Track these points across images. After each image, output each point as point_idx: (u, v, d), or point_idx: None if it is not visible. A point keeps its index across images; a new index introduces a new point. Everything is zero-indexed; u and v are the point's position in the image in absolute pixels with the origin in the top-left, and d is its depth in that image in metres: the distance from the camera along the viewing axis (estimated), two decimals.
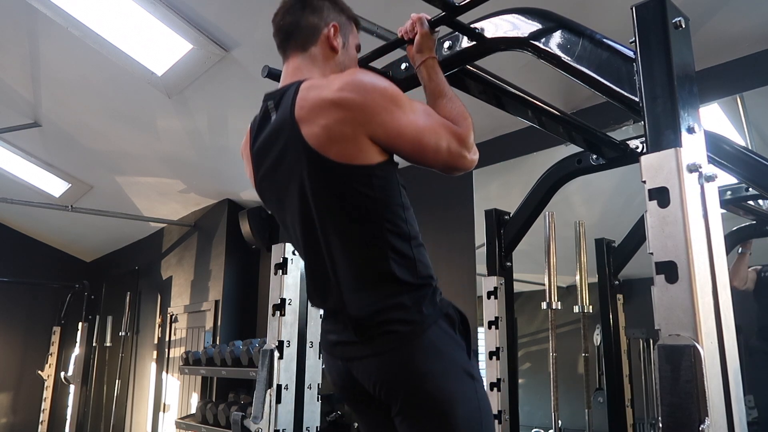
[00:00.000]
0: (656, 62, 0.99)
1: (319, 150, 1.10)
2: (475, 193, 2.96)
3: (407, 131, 1.12)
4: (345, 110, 1.08)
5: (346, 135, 1.09)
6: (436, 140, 1.14)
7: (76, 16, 2.71)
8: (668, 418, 0.84)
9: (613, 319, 2.41)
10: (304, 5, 1.27)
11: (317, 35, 1.25)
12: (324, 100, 1.10)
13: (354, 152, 1.10)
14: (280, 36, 1.30)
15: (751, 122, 2.22)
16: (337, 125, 1.08)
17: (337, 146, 1.09)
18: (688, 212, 0.88)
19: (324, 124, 1.09)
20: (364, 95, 1.09)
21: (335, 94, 1.09)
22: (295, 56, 1.27)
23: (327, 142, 1.09)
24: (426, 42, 1.32)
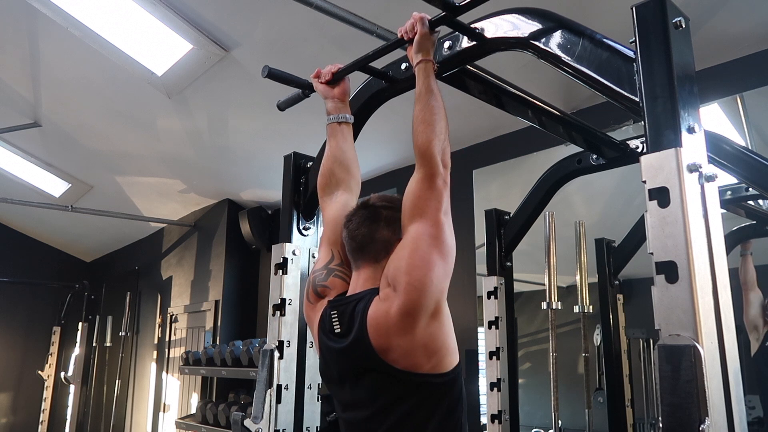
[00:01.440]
0: (656, 62, 0.99)
1: (408, 368, 1.14)
2: (475, 193, 2.96)
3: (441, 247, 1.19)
4: (415, 309, 1.13)
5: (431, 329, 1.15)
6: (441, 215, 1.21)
7: (76, 16, 2.71)
8: (668, 418, 0.84)
9: (613, 319, 2.41)
10: (379, 218, 1.30)
11: (390, 249, 1.27)
12: (396, 319, 1.14)
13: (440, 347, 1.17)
14: (353, 245, 1.32)
15: (751, 122, 2.22)
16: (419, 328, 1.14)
17: (425, 350, 1.14)
18: (688, 212, 0.88)
19: (409, 337, 1.14)
20: (416, 284, 1.14)
21: (400, 309, 1.13)
22: (368, 267, 1.29)
23: (417, 350, 1.14)
24: (425, 42, 1.31)
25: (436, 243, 1.18)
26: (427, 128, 1.22)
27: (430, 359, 1.15)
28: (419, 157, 1.21)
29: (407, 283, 1.14)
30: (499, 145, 2.96)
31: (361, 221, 1.31)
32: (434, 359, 1.15)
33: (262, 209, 4.41)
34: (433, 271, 1.15)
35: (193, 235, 4.97)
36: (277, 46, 2.64)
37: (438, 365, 1.16)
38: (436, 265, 1.16)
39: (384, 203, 1.34)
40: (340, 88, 1.53)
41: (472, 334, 2.86)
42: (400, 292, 1.14)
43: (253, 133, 3.48)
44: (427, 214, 1.20)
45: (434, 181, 1.20)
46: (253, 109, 3.19)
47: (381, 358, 1.15)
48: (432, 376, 1.15)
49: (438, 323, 1.16)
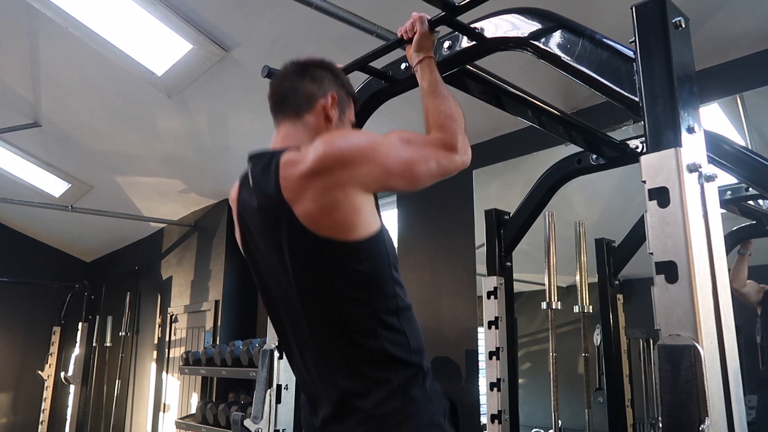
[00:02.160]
0: (656, 62, 0.99)
1: (312, 228, 1.07)
2: (475, 193, 2.96)
3: (395, 169, 1.10)
4: (329, 175, 1.06)
5: (338, 200, 1.06)
6: (426, 165, 1.13)
7: (76, 16, 2.71)
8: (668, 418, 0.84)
9: (613, 319, 2.41)
10: (305, 72, 1.25)
11: (313, 103, 1.23)
12: (305, 173, 1.07)
13: (347, 222, 1.07)
14: (275, 99, 1.26)
15: (751, 122, 2.22)
16: (326, 193, 1.06)
17: (330, 218, 1.07)
18: (688, 212, 0.88)
19: (313, 196, 1.06)
20: (340, 155, 1.06)
21: (314, 164, 1.06)
22: (287, 122, 1.24)
23: (320, 215, 1.07)
24: (424, 41, 1.32)
25: (398, 160, 1.10)
26: (449, 120, 1.21)
27: (333, 226, 1.07)
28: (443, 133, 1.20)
29: (338, 147, 1.06)
30: (499, 145, 2.96)
31: (285, 75, 1.26)
32: (338, 227, 1.07)
33: None
34: (370, 163, 1.07)
35: (193, 235, 4.97)
36: (277, 46, 2.64)
37: (344, 232, 1.07)
38: (379, 164, 1.08)
39: (315, 61, 1.29)
40: None
41: (472, 334, 2.86)
42: (325, 149, 1.06)
43: (253, 133, 3.48)
44: (414, 147, 1.14)
45: (446, 148, 1.16)
46: (253, 109, 3.19)
47: (290, 208, 1.07)
48: (337, 242, 1.07)
49: (348, 202, 1.06)
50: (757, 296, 2.18)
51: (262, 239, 1.18)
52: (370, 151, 1.09)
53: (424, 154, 1.15)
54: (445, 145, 1.18)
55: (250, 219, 1.21)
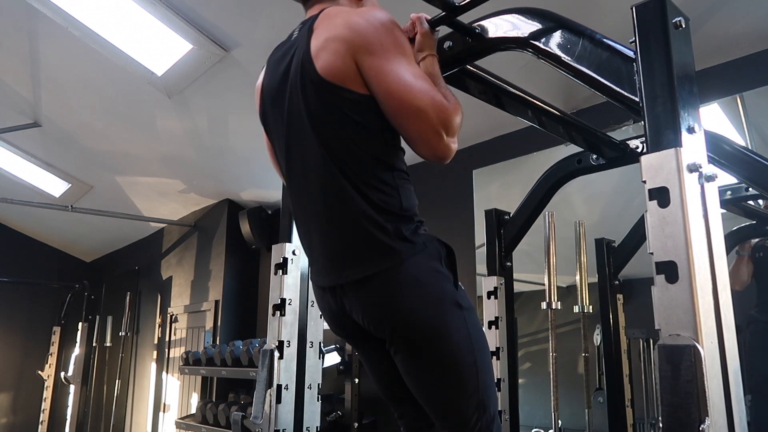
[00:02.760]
0: (656, 62, 0.99)
1: (314, 60, 1.14)
2: (475, 193, 2.96)
3: (392, 79, 1.11)
4: (347, 30, 1.13)
5: (338, 51, 1.12)
6: (419, 103, 1.10)
7: (76, 16, 2.71)
8: (668, 418, 0.84)
9: (613, 319, 2.41)
10: None
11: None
12: (338, 20, 1.15)
13: (342, 71, 1.13)
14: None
15: (751, 122, 2.22)
16: (334, 41, 1.13)
17: (326, 57, 1.13)
18: (688, 212, 0.88)
19: (326, 37, 1.14)
20: (370, 26, 1.13)
21: (348, 18, 1.15)
22: (321, 3, 1.29)
23: (321, 52, 1.14)
24: (426, 41, 1.32)
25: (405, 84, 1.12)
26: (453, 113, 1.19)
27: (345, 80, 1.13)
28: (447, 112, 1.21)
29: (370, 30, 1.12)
30: (499, 145, 2.96)
31: None
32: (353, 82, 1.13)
33: (262, 209, 4.41)
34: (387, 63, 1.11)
35: (193, 235, 4.97)
36: None
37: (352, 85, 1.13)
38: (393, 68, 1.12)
39: None
40: None
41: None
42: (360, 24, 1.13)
43: (253, 133, 3.46)
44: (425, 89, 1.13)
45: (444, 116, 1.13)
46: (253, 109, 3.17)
47: (312, 60, 1.14)
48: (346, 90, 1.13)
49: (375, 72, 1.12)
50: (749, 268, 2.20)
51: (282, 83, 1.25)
52: (393, 47, 1.13)
53: (427, 98, 1.11)
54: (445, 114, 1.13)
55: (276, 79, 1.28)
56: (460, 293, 1.18)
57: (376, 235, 1.12)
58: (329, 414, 3.15)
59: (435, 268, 1.15)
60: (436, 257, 1.16)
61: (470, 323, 1.17)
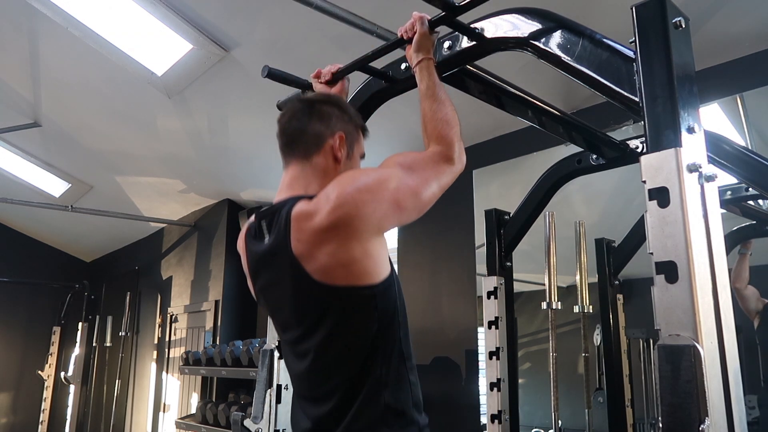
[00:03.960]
0: (656, 62, 0.99)
1: (324, 281, 1.08)
2: (475, 193, 2.96)
3: (406, 202, 1.11)
4: (345, 228, 1.06)
5: (354, 251, 1.07)
6: (429, 189, 1.15)
7: (76, 16, 2.71)
8: (668, 418, 0.84)
9: (613, 319, 2.41)
10: (311, 111, 1.23)
11: (321, 144, 1.21)
12: (320, 229, 1.06)
13: (362, 271, 1.08)
14: (283, 140, 1.25)
15: (751, 122, 2.22)
16: (343, 246, 1.06)
17: (345, 269, 1.07)
18: (688, 212, 0.88)
19: (330, 251, 1.06)
20: (354, 204, 1.05)
21: (329, 218, 1.05)
22: (296, 164, 1.23)
23: (336, 268, 1.07)
24: (424, 42, 1.32)
25: (406, 189, 1.10)
26: (446, 127, 1.22)
27: (348, 276, 1.08)
28: (441, 145, 1.21)
29: (351, 197, 1.05)
30: (499, 145, 2.96)
31: (293, 114, 1.24)
32: (354, 277, 1.08)
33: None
34: (383, 203, 1.07)
35: (193, 235, 4.97)
36: (277, 46, 2.64)
37: (360, 279, 1.08)
38: (391, 202, 1.08)
39: (321, 98, 1.29)
40: (339, 89, 1.53)
41: (472, 334, 2.86)
42: (338, 201, 1.05)
43: (253, 133, 3.48)
44: (418, 171, 1.14)
45: (446, 162, 1.18)
46: (253, 109, 3.19)
47: (301, 264, 1.08)
48: (353, 288, 1.08)
49: (365, 253, 1.07)
50: (756, 305, 2.18)
51: (274, 290, 1.19)
52: (380, 191, 1.08)
53: (427, 176, 1.15)
54: (444, 158, 1.19)
55: (261, 269, 1.22)
56: None
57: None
58: None
59: None
60: None
61: None
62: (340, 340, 1.11)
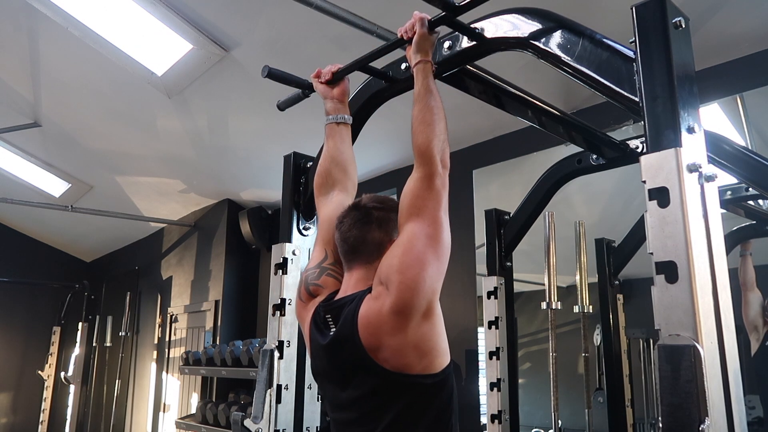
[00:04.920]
0: (656, 62, 0.99)
1: (395, 369, 1.13)
2: (475, 193, 2.96)
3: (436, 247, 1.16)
4: (405, 315, 1.12)
5: (422, 329, 1.13)
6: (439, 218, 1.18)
7: (76, 16, 2.71)
8: (668, 418, 0.84)
9: (613, 319, 2.41)
10: (369, 219, 1.29)
11: (382, 250, 1.26)
12: (384, 318, 1.13)
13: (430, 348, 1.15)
14: (345, 247, 1.31)
15: (751, 122, 2.22)
16: (417, 324, 1.13)
17: (416, 350, 1.13)
18: (688, 212, 0.88)
19: (401, 331, 1.12)
20: (413, 290, 1.12)
21: (391, 307, 1.12)
22: (360, 268, 1.28)
23: (408, 349, 1.13)
24: (423, 43, 1.31)
25: (431, 242, 1.16)
26: (426, 128, 1.22)
27: (421, 360, 1.14)
28: (419, 156, 1.21)
29: (400, 282, 1.12)
30: (499, 145, 2.96)
31: (353, 223, 1.30)
32: (425, 360, 1.14)
33: (262, 209, 4.41)
34: (426, 271, 1.13)
35: (193, 235, 4.97)
36: (277, 46, 2.64)
37: (429, 366, 1.15)
38: (430, 265, 1.14)
39: (376, 204, 1.33)
40: (340, 89, 1.53)
41: (472, 334, 2.86)
42: (392, 290, 1.13)
43: (253, 133, 3.48)
44: (425, 213, 1.18)
45: (433, 181, 1.19)
46: (253, 109, 3.19)
47: (371, 357, 1.14)
48: (422, 377, 1.14)
49: (430, 324, 1.15)
50: (755, 318, 2.17)
51: (335, 375, 1.24)
52: (424, 263, 1.14)
53: (432, 213, 1.18)
54: (428, 179, 1.20)
55: (324, 356, 1.26)
56: None
57: None
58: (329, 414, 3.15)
59: None
60: None
61: None
62: (399, 425, 1.15)
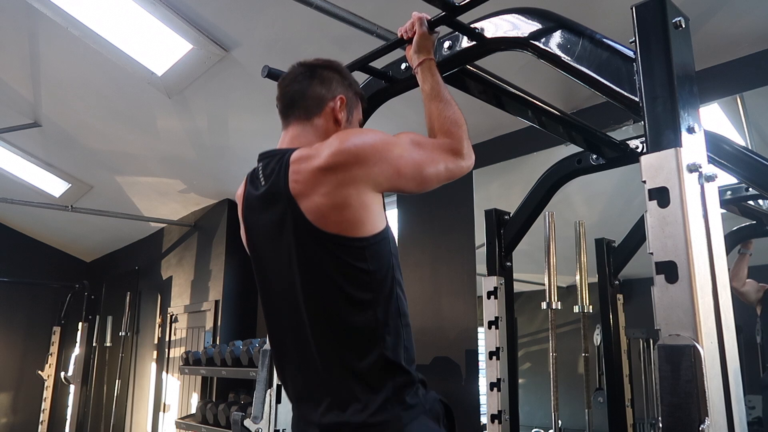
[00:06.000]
0: (656, 62, 0.99)
1: (318, 224, 1.08)
2: (475, 193, 2.96)
3: (406, 170, 1.13)
4: (343, 171, 1.07)
5: (349, 197, 1.08)
6: (435, 168, 1.16)
7: (76, 16, 2.71)
8: (668, 418, 0.84)
9: (613, 319, 2.41)
10: (313, 75, 1.26)
11: (322, 106, 1.24)
12: (318, 168, 1.08)
13: (355, 219, 1.08)
14: (284, 102, 1.27)
15: (751, 122, 2.22)
16: (338, 189, 1.07)
17: (339, 214, 1.08)
18: (688, 212, 0.88)
19: (325, 192, 1.08)
20: (356, 152, 1.08)
21: (328, 160, 1.08)
22: (297, 124, 1.25)
23: (329, 211, 1.08)
24: (424, 42, 1.32)
25: (410, 162, 1.13)
26: (455, 126, 1.23)
27: (341, 223, 1.08)
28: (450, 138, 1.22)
29: (353, 146, 1.08)
30: (499, 145, 2.96)
31: (294, 78, 1.27)
32: (346, 224, 1.08)
33: None
34: (384, 164, 1.09)
35: (193, 235, 4.97)
36: (277, 46, 2.64)
37: (352, 229, 1.08)
38: (392, 165, 1.10)
39: (322, 62, 1.30)
40: None
41: (472, 334, 2.86)
42: (341, 146, 1.08)
43: (253, 133, 3.48)
44: (425, 150, 1.16)
45: (454, 153, 1.19)
46: (253, 109, 3.19)
47: (297, 204, 1.09)
48: (345, 238, 1.08)
49: (360, 202, 1.08)
50: (756, 295, 2.18)
51: (268, 237, 1.19)
52: (384, 151, 1.11)
53: (434, 157, 1.17)
54: (453, 150, 1.20)
55: (256, 217, 1.23)
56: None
57: (378, 397, 1.05)
58: None
59: (433, 429, 1.11)
60: (435, 418, 1.12)
61: None
62: (331, 288, 1.09)
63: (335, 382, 1.10)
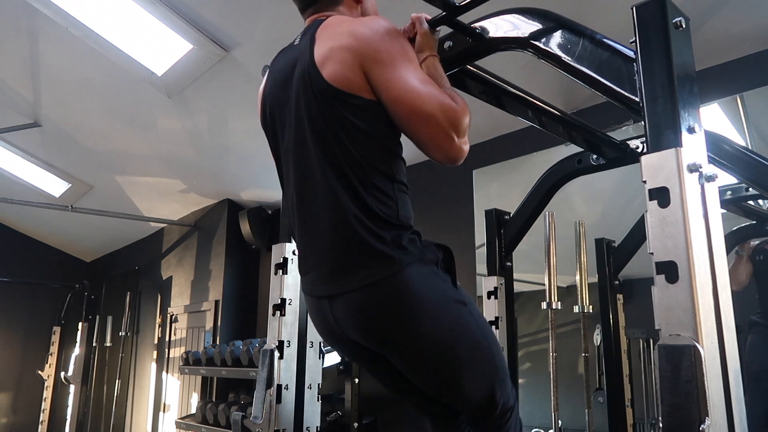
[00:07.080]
0: (656, 62, 0.99)
1: (320, 68, 1.15)
2: (475, 193, 2.96)
3: (401, 86, 1.13)
4: (353, 39, 1.14)
5: (345, 60, 1.13)
6: (429, 108, 1.12)
7: (76, 16, 2.71)
8: (668, 418, 0.84)
9: (613, 319, 2.41)
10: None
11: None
12: (342, 29, 1.18)
13: (349, 79, 1.14)
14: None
15: (751, 122, 2.22)
16: (340, 50, 1.14)
17: (333, 66, 1.14)
18: (689, 212, 0.88)
19: (330, 46, 1.16)
20: (376, 35, 1.15)
21: (353, 27, 1.17)
22: (324, 10, 1.32)
23: (327, 60, 1.15)
24: (427, 41, 1.32)
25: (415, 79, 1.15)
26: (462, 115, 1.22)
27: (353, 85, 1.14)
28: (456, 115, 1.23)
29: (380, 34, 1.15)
30: (499, 145, 2.96)
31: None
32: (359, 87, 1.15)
33: (262, 209, 4.41)
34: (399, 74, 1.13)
35: (193, 235, 4.97)
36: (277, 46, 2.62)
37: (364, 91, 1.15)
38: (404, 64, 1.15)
39: None
40: None
41: None
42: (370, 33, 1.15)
43: (253, 133, 3.46)
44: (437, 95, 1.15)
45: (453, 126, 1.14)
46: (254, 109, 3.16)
47: (318, 68, 1.15)
48: (357, 96, 1.14)
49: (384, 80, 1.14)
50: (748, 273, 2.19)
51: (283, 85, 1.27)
52: (399, 55, 1.15)
53: (435, 102, 1.13)
54: (454, 116, 1.14)
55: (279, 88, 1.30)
56: (460, 291, 1.20)
57: (374, 244, 1.11)
58: (329, 414, 3.15)
59: (433, 271, 1.16)
60: (433, 261, 1.17)
61: (475, 315, 1.21)
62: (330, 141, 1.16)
63: (333, 229, 1.16)
